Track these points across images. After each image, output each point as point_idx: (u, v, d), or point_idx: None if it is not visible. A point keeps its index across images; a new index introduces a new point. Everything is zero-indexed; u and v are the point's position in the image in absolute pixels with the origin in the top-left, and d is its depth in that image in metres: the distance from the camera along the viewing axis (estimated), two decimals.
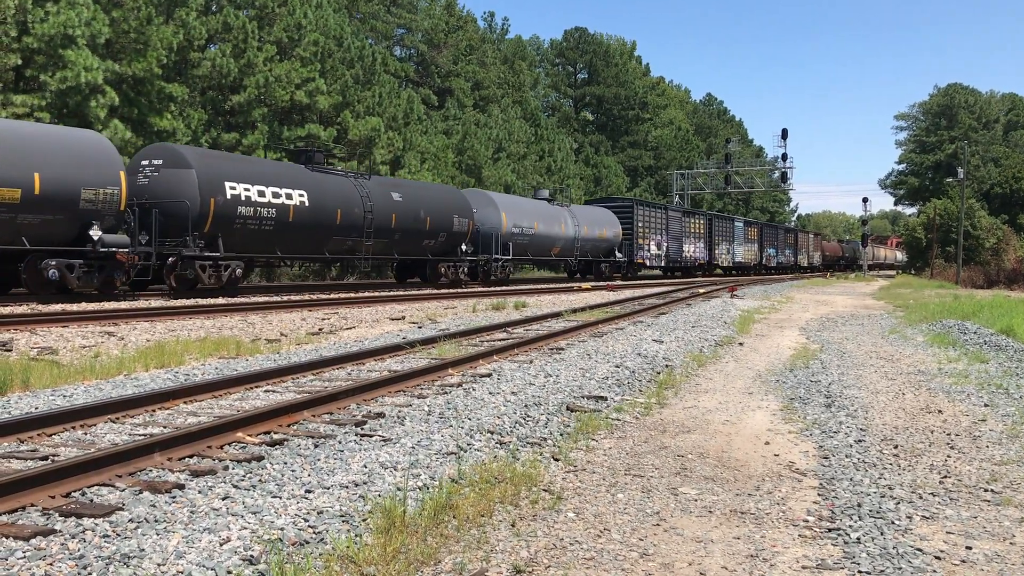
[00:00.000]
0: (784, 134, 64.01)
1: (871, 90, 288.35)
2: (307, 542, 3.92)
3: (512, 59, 63.21)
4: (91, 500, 4.33)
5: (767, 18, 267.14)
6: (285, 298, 19.52)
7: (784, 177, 66.64)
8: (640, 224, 41.73)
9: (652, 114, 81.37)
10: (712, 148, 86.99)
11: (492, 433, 6.23)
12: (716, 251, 52.86)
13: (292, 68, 32.17)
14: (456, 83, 53.41)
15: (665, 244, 44.47)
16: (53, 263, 16.36)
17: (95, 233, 16.94)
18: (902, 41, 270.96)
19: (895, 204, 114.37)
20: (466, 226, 28.31)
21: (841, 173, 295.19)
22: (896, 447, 6.42)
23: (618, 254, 39.05)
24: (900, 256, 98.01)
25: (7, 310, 14.11)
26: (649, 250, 42.48)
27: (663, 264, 44.64)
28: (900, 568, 3.90)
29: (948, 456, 6.16)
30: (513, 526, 4.45)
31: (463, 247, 28.29)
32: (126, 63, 25.86)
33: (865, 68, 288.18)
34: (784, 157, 64.82)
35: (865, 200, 73.47)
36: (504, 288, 27.60)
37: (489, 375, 8.78)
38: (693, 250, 49.29)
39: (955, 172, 57.79)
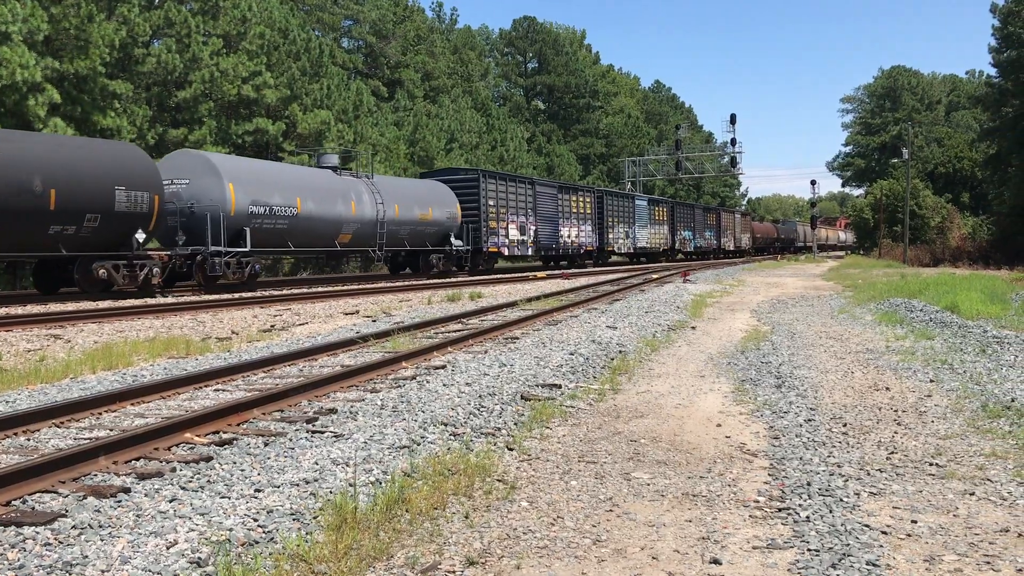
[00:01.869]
0: (732, 119, 64.65)
1: (818, 73, 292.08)
2: (257, 542, 3.86)
3: (462, 49, 62.98)
4: (32, 508, 4.23)
5: (714, 4, 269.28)
6: (236, 296, 19.27)
7: (733, 162, 67.31)
8: (491, 202, 32.75)
9: (603, 102, 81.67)
10: (663, 135, 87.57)
11: (446, 425, 6.20)
12: (610, 235, 44.31)
13: (239, 62, 31.71)
14: (406, 74, 53.10)
15: (532, 227, 35.90)
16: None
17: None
18: (847, 24, 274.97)
19: (843, 186, 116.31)
20: (143, 203, 18.76)
21: (790, 156, 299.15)
22: (845, 425, 6.52)
23: (455, 241, 30.25)
24: (848, 237, 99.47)
25: None
26: (507, 235, 33.79)
27: (530, 252, 36.64)
28: (848, 544, 3.96)
29: (895, 432, 6.27)
30: (467, 518, 4.43)
31: (138, 236, 18.85)
32: (67, 60, 25.27)
33: (812, 52, 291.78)
34: (733, 142, 65.46)
35: (813, 183, 74.79)
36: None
37: (443, 367, 8.75)
38: (576, 234, 40.61)
39: (900, 153, 58.88)
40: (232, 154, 29.49)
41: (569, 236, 40.08)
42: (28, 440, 5.72)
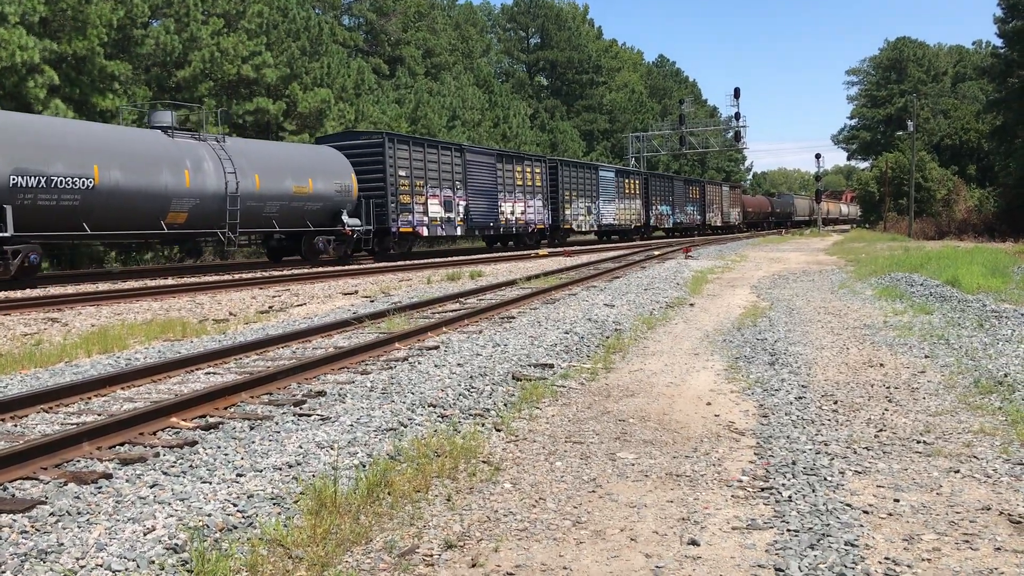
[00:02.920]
0: (737, 93, 64.12)
1: (823, 46, 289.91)
2: (235, 527, 3.86)
3: (463, 25, 62.58)
4: (12, 495, 4.23)
5: None
6: (236, 276, 19.27)
7: (738, 136, 66.94)
8: (403, 172, 27.28)
9: (606, 77, 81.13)
10: (667, 110, 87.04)
11: (434, 407, 6.19)
12: (567, 210, 39.09)
13: (239, 41, 31.54)
14: (407, 51, 52.80)
15: (462, 202, 30.54)
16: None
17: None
18: None
19: (848, 159, 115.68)
20: None
21: (795, 130, 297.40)
22: (836, 402, 6.50)
23: (349, 220, 24.85)
24: (854, 210, 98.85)
25: None
26: (426, 212, 28.46)
27: (459, 232, 31.06)
28: (828, 524, 3.94)
29: (886, 409, 6.24)
30: (449, 500, 4.43)
31: None
32: (66, 42, 25.17)
33: (816, 24, 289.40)
34: (737, 116, 64.99)
35: (818, 156, 74.65)
36: None
37: (436, 347, 8.74)
38: (522, 211, 34.94)
39: (906, 125, 58.54)
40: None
41: (513, 213, 34.29)
42: (15, 426, 5.73)
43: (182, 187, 19.85)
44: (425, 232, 28.72)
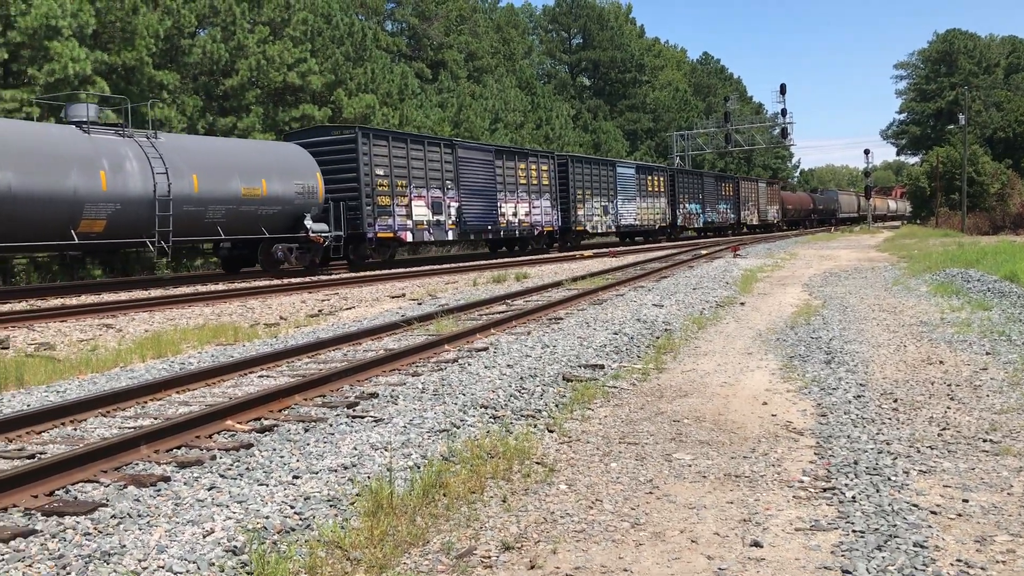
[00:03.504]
0: (783, 89, 63.45)
1: (870, 40, 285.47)
2: (292, 529, 3.87)
3: (505, 28, 62.64)
4: (75, 498, 4.28)
5: None
6: (286, 281, 19.47)
7: (784, 133, 66.15)
8: (380, 171, 24.15)
9: (650, 76, 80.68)
10: (711, 107, 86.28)
11: (486, 408, 6.17)
12: (579, 211, 35.56)
13: (284, 48, 31.91)
14: (449, 55, 52.96)
15: (453, 204, 27.47)
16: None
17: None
18: None
19: (897, 154, 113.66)
20: None
21: (843, 126, 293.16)
22: (896, 401, 6.35)
23: (314, 225, 21.76)
24: (904, 206, 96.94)
25: (6, 307, 14.09)
26: (410, 215, 25.38)
27: (450, 236, 27.88)
28: (895, 525, 3.84)
29: (948, 408, 6.08)
30: (504, 501, 4.40)
31: None
32: (115, 53, 25.66)
33: (863, 17, 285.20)
34: (784, 113, 64.29)
35: (867, 152, 73.15)
36: None
37: (486, 349, 8.72)
38: (526, 212, 31.62)
39: (957, 119, 57.32)
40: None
41: (515, 214, 31.08)
42: (75, 429, 5.82)
43: (96, 191, 16.80)
44: (409, 237, 25.54)
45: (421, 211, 25.99)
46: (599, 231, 38.03)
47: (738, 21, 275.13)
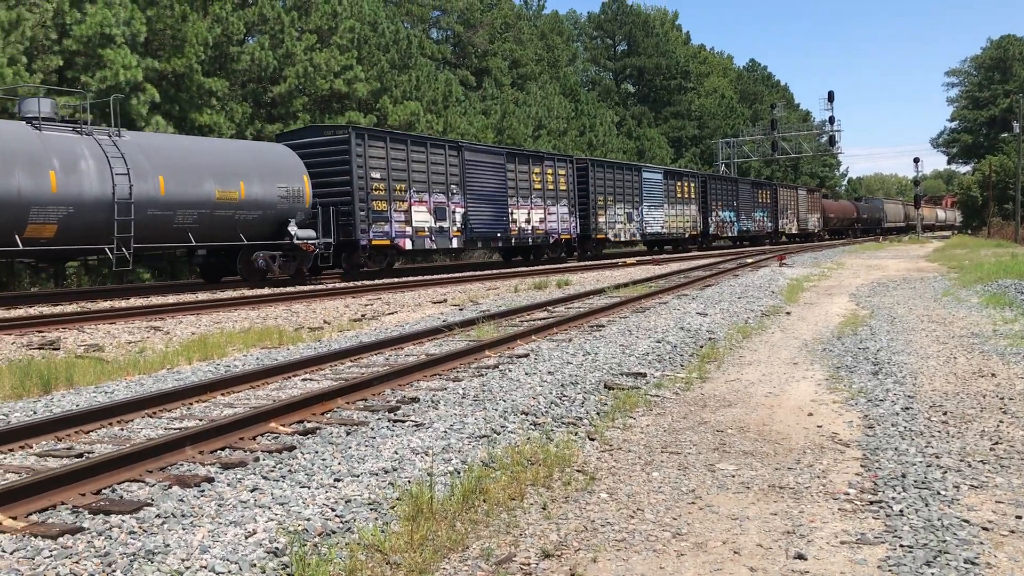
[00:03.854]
0: (831, 97, 62.66)
1: (920, 46, 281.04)
2: (333, 532, 3.88)
3: (549, 35, 62.68)
4: (121, 497, 4.34)
5: None
6: (330, 286, 19.63)
7: (832, 141, 65.32)
8: (376, 174, 22.83)
9: (695, 83, 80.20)
10: (757, 115, 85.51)
11: (527, 414, 6.15)
12: (600, 218, 34.05)
13: (331, 56, 32.25)
14: (493, 62, 53.13)
15: (459, 209, 26.13)
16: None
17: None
18: None
19: (948, 163, 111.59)
20: None
21: (892, 134, 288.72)
22: (945, 414, 6.21)
23: (299, 231, 20.15)
24: (954, 216, 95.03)
25: (57, 309, 14.38)
26: (410, 221, 24.01)
27: (454, 244, 26.34)
28: (944, 541, 3.75)
29: (1000, 421, 5.94)
30: (544, 509, 4.37)
31: None
32: (165, 60, 26.15)
33: (913, 23, 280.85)
34: (831, 120, 63.55)
35: (917, 160, 71.75)
36: None
37: (526, 355, 8.70)
38: (541, 218, 30.13)
39: (1011, 127, 56.14)
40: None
41: (528, 221, 29.52)
42: (122, 430, 5.91)
43: (45, 192, 15.48)
44: (408, 245, 24.06)
45: (422, 217, 24.60)
46: (622, 239, 36.33)
47: (786, 28, 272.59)
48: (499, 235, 28.25)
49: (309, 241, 20.39)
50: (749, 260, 28.34)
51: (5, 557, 3.55)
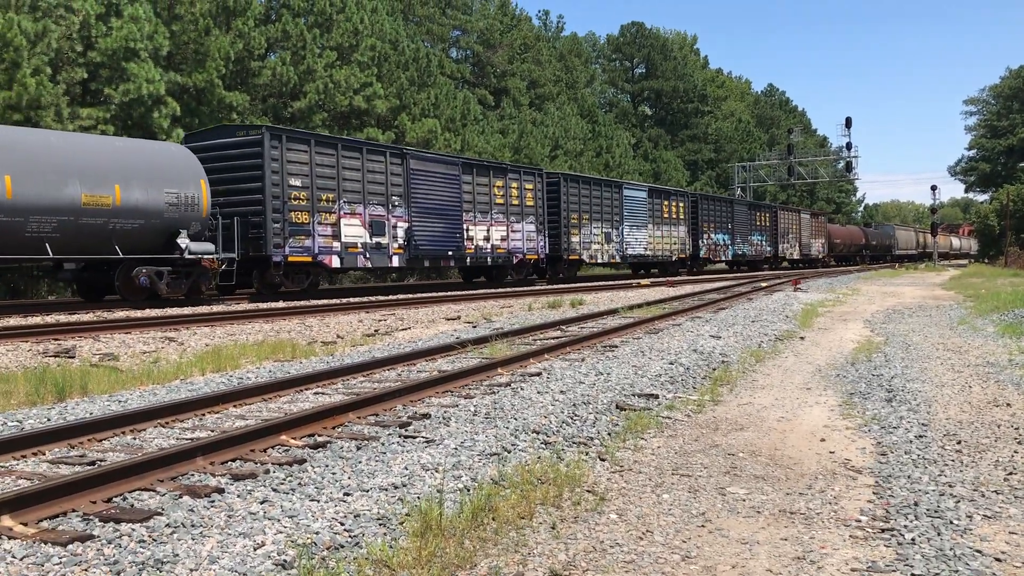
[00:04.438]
0: (848, 123, 62.60)
1: (939, 74, 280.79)
2: (342, 546, 3.88)
3: (567, 56, 62.98)
4: (131, 505, 4.36)
5: (828, 4, 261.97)
6: (344, 301, 19.69)
7: (849, 167, 65.17)
8: (296, 182, 20.56)
9: (712, 107, 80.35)
10: (774, 139, 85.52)
11: (538, 433, 6.14)
12: (573, 237, 31.68)
13: (351, 73, 32.51)
14: (512, 82, 53.42)
15: (402, 224, 23.73)
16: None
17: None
18: (971, 22, 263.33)
19: (966, 191, 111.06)
20: None
21: (910, 161, 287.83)
22: (959, 442, 6.16)
23: (193, 245, 17.87)
24: (971, 244, 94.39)
25: (74, 318, 14.48)
26: (338, 235, 21.72)
27: (395, 264, 23.93)
28: (956, 571, 3.71)
29: (1015, 452, 5.88)
30: (553, 528, 4.36)
31: None
32: (187, 74, 26.42)
33: (932, 52, 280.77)
34: (848, 146, 63.41)
35: (934, 188, 71.52)
36: None
37: (539, 374, 8.69)
38: (503, 235, 27.79)
39: None
40: None
41: (486, 238, 27.11)
42: (134, 439, 5.93)
43: None
44: (336, 263, 21.65)
45: (354, 231, 22.16)
46: (599, 261, 33.88)
47: (804, 54, 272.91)
48: (451, 253, 25.74)
49: (207, 256, 18.17)
50: (763, 284, 28.25)
51: (15, 563, 3.57)
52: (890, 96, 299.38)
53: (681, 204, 40.50)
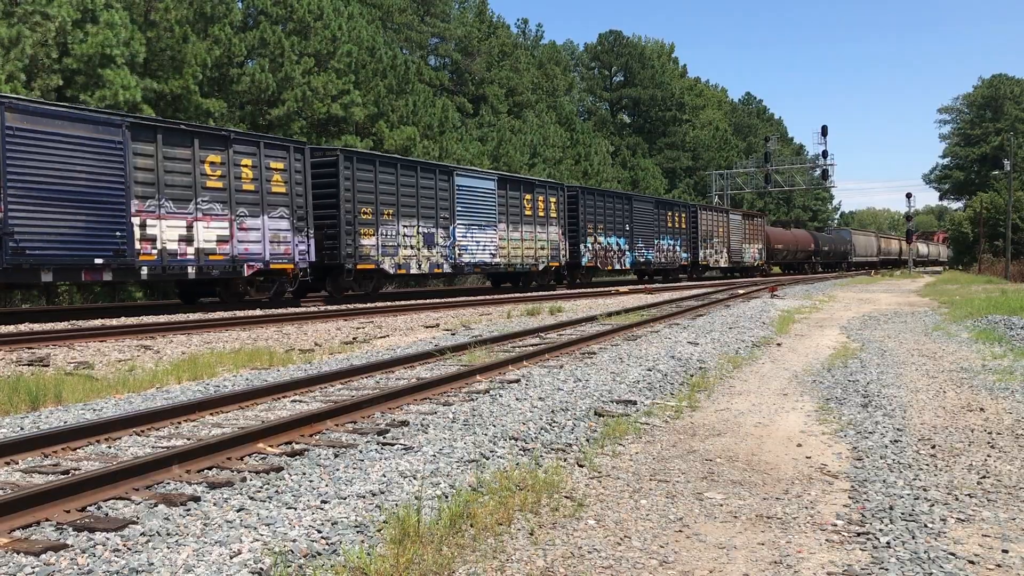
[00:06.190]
0: (824, 131, 63.11)
1: (914, 83, 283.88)
2: (319, 554, 3.87)
3: (546, 64, 63.15)
4: (106, 514, 4.32)
5: (805, 13, 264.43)
6: (323, 308, 19.61)
7: (825, 175, 65.64)
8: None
9: (690, 115, 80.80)
10: (751, 147, 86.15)
11: (516, 440, 6.14)
12: (363, 239, 22.77)
13: (328, 80, 32.42)
14: (490, 90, 53.47)
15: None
16: None
17: None
18: (945, 32, 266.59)
19: (940, 199, 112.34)
20: None
21: (885, 169, 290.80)
22: (934, 447, 6.22)
23: None
24: (946, 251, 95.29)
25: (48, 326, 14.33)
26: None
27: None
28: (931, 573, 3.75)
29: (988, 456, 5.95)
30: (531, 534, 4.36)
31: None
32: (163, 80, 26.26)
33: (906, 61, 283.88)
34: (824, 154, 63.89)
35: (909, 196, 72.01)
36: None
37: (517, 381, 8.70)
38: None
39: (1002, 164, 56.61)
40: None
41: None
42: (109, 447, 5.88)
43: None
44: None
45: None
46: (417, 270, 24.95)
47: (781, 63, 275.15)
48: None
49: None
50: (741, 291, 28.40)
51: None
52: (866, 104, 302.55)
53: (553, 198, 32.11)
